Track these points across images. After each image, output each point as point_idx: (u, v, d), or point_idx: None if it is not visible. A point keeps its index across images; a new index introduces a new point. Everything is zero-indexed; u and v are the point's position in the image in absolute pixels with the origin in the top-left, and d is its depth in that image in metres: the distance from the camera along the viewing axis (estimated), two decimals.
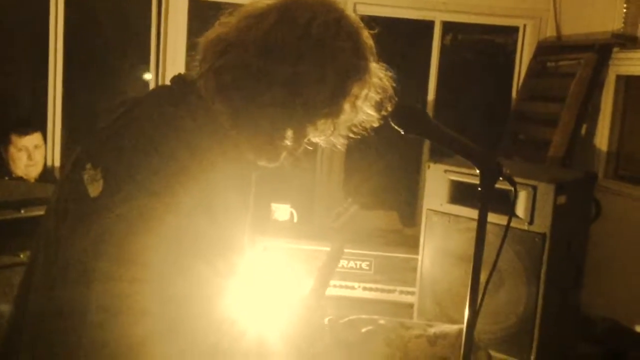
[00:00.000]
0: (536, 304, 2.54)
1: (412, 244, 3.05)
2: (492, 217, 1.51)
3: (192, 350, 1.19)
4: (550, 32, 3.95)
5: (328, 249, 1.74)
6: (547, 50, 3.91)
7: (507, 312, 2.61)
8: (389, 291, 3.09)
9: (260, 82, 1.23)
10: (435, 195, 2.81)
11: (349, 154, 4.16)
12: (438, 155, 3.02)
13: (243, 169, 1.26)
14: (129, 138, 1.20)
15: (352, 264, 3.07)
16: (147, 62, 3.81)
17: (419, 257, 2.88)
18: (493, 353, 2.56)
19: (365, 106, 1.34)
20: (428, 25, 4.04)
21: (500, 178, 1.55)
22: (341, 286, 3.09)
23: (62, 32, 3.75)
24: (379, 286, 3.09)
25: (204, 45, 1.29)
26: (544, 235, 2.52)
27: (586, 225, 2.82)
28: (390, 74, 1.37)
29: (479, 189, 1.55)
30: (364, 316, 2.64)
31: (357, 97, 1.31)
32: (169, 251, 1.13)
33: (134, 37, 3.93)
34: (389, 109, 1.39)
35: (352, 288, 3.09)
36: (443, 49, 4.10)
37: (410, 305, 2.99)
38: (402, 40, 4.16)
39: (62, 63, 3.80)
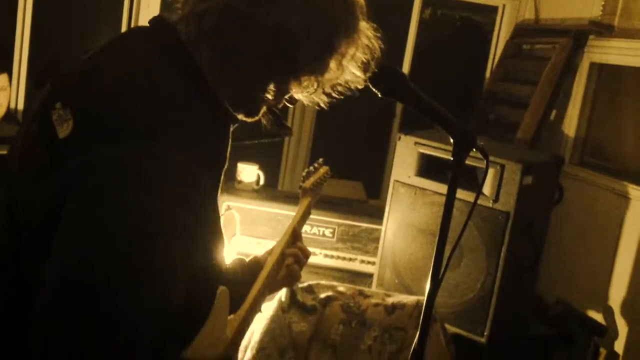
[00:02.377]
0: (494, 282, 2.58)
1: (376, 215, 3.06)
2: (458, 193, 1.49)
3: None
4: (529, 14, 3.95)
5: (292, 213, 1.73)
6: (524, 32, 3.92)
7: (465, 287, 2.64)
8: (350, 260, 3.10)
9: (246, 29, 1.19)
10: (403, 167, 2.81)
11: (320, 120, 4.14)
12: (409, 127, 3.02)
13: (221, 121, 1.22)
14: (104, 78, 1.14)
15: (315, 230, 3.07)
16: (121, 4, 3.70)
17: (383, 228, 2.88)
18: (447, 327, 2.58)
19: (352, 66, 1.30)
20: None
21: (474, 149, 1.54)
22: None
23: None
24: (341, 254, 3.09)
25: None
26: (507, 214, 2.55)
27: (549, 208, 2.85)
28: (379, 35, 1.34)
29: (452, 158, 1.53)
30: (323, 282, 2.64)
31: (344, 56, 1.27)
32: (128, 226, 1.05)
33: None
34: (375, 70, 1.36)
35: (314, 254, 3.08)
36: (421, 24, 4.08)
37: (370, 275, 3.00)
38: (380, 11, 4.11)
39: (31, 2, 3.67)
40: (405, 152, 2.80)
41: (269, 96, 1.26)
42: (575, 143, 3.57)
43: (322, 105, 1.35)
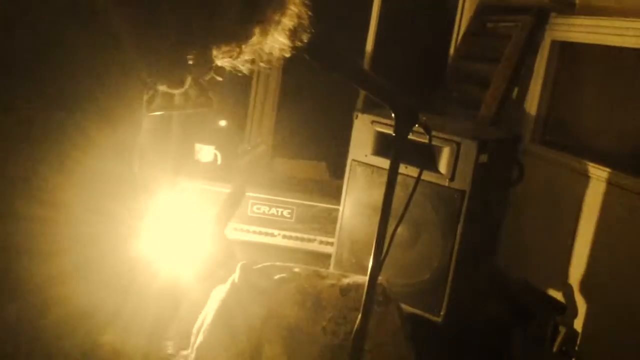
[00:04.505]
0: (450, 261, 2.56)
1: (337, 195, 3.02)
2: (415, 172, 1.47)
3: (104, 290, 1.13)
4: None
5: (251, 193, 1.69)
6: (488, 10, 3.88)
7: (421, 266, 2.62)
8: (309, 240, 3.06)
9: None
10: (360, 146, 2.77)
11: (283, 101, 4.08)
12: (369, 106, 2.98)
13: (133, 90, 1.17)
14: (16, 50, 1.09)
15: (273, 210, 3.03)
16: None
17: (340, 208, 2.85)
18: (404, 306, 2.56)
19: (277, 33, 1.25)
20: None
21: (417, 125, 1.51)
22: (261, 233, 3.04)
23: None
24: (299, 235, 3.06)
25: None
26: (463, 192, 2.52)
27: (507, 186, 2.83)
28: (306, 1, 1.29)
29: (393, 133, 1.50)
30: (278, 263, 2.60)
31: (269, 22, 1.23)
32: (83, 192, 1.05)
33: None
34: (304, 39, 1.31)
35: (272, 235, 3.04)
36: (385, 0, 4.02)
37: (329, 256, 2.97)
38: None
39: None
40: (362, 131, 2.76)
41: (191, 62, 1.21)
42: (537, 121, 3.55)
43: (245, 72, 1.30)
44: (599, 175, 3.08)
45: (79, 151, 1.06)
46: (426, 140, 1.54)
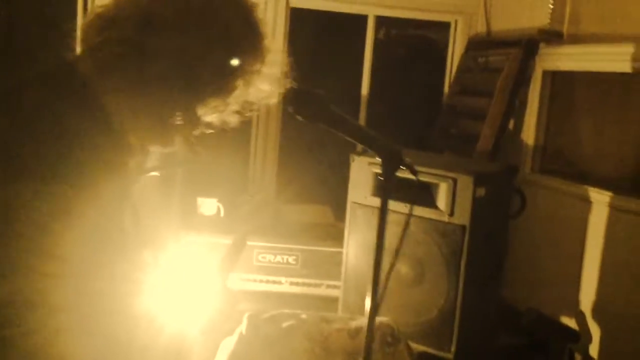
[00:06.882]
0: (456, 296, 2.56)
1: (340, 238, 3.04)
2: (415, 210, 1.50)
3: (108, 346, 1.15)
4: (480, 27, 3.99)
5: (255, 243, 1.72)
6: (478, 45, 3.95)
7: (428, 304, 2.62)
8: (316, 285, 3.07)
9: (143, 58, 1.18)
10: (359, 188, 2.80)
11: (284, 148, 4.13)
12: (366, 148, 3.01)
13: (121, 156, 1.21)
14: (9, 119, 1.14)
15: (278, 258, 3.05)
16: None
17: (344, 251, 2.87)
18: (414, 345, 2.56)
19: (259, 82, 1.30)
20: (362, 19, 4.04)
21: (402, 167, 1.55)
22: (268, 281, 3.06)
23: None
24: (306, 280, 3.07)
25: (84, 25, 1.23)
26: (463, 227, 2.54)
27: (507, 217, 2.85)
28: (283, 48, 1.34)
29: (380, 177, 1.54)
30: (286, 311, 2.61)
31: (250, 73, 1.27)
32: (87, 246, 1.08)
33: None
34: (287, 84, 1.36)
35: (279, 283, 3.06)
36: (377, 44, 4.10)
37: (337, 299, 2.98)
38: (336, 34, 4.15)
39: None
40: (360, 173, 2.79)
41: (179, 122, 1.25)
42: (535, 150, 3.58)
43: (233, 125, 1.34)
44: (600, 199, 3.08)
45: (78, 210, 1.09)
46: (422, 178, 1.57)
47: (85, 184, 1.11)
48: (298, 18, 3.89)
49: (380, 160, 1.53)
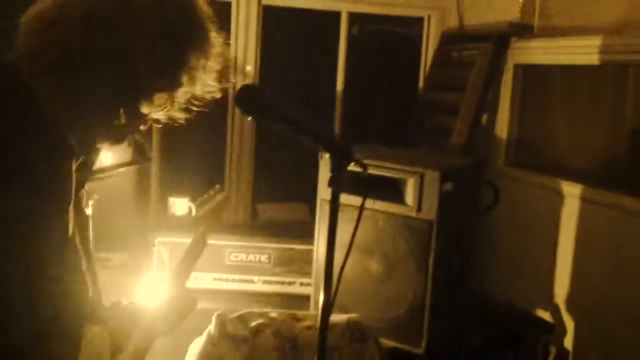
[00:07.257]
0: (425, 291, 2.56)
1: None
2: (383, 205, 1.50)
3: None
4: (453, 22, 3.99)
5: (227, 242, 1.71)
6: (451, 40, 3.95)
7: (398, 300, 2.62)
8: (290, 283, 3.07)
9: (87, 57, 1.18)
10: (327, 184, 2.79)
11: (260, 146, 4.12)
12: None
13: (62, 157, 1.20)
14: None
15: (251, 257, 3.04)
16: None
17: (314, 248, 2.86)
18: (384, 341, 2.56)
19: (205, 77, 1.30)
20: (335, 15, 4.04)
21: (352, 162, 1.55)
22: (241, 280, 3.05)
23: None
24: (279, 279, 3.07)
25: (24, 24, 1.22)
26: (431, 222, 2.54)
27: (477, 212, 2.85)
28: (228, 42, 1.33)
29: (330, 173, 1.54)
30: (254, 310, 2.61)
31: (195, 68, 1.27)
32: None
33: None
34: (232, 79, 1.36)
35: (252, 282, 3.05)
36: (350, 40, 4.09)
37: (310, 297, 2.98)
38: (309, 31, 4.14)
39: None
40: (328, 170, 2.78)
41: (124, 121, 1.25)
42: (508, 144, 3.59)
43: (180, 120, 1.34)
44: (572, 192, 3.09)
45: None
46: (389, 174, 1.57)
47: (18, 188, 1.10)
48: (271, 15, 3.88)
49: (329, 157, 1.52)
